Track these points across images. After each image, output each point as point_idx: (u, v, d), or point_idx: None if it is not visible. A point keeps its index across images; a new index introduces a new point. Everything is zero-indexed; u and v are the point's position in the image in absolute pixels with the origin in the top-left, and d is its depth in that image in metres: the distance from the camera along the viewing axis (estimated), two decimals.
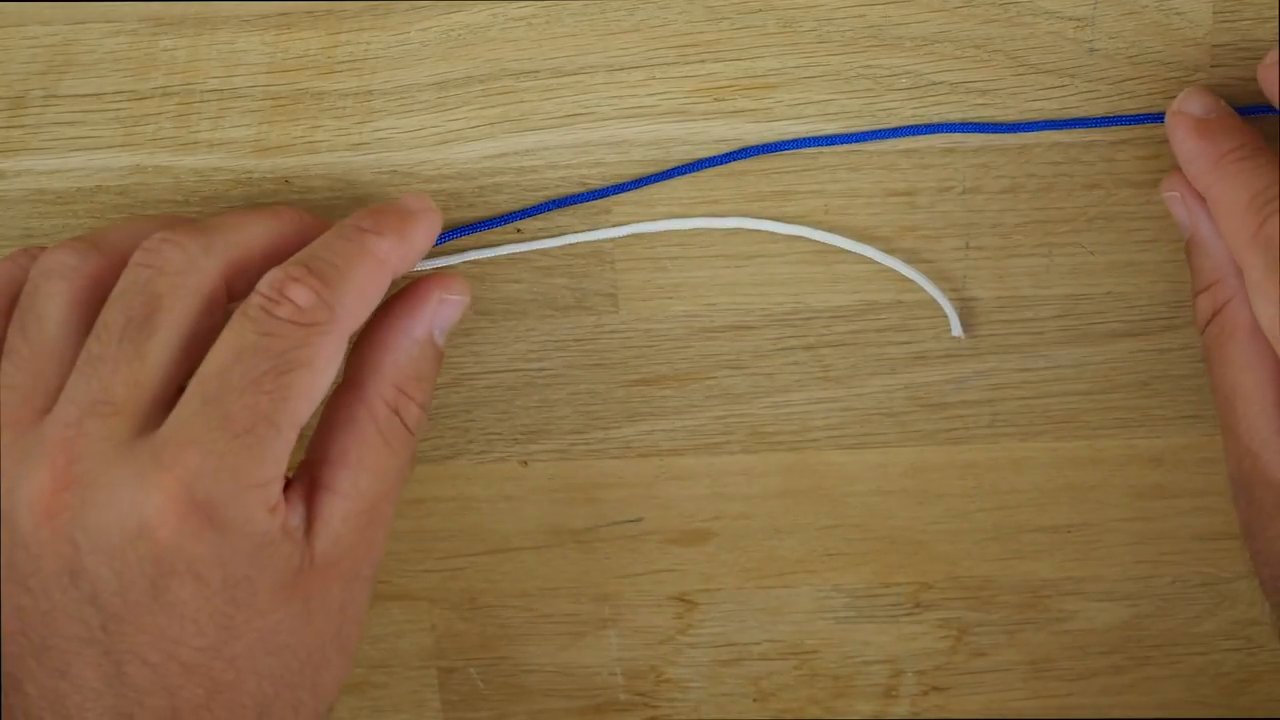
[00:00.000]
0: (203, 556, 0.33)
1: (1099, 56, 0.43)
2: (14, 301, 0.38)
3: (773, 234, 0.45)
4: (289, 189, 0.45)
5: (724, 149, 0.44)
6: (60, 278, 0.36)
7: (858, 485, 0.48)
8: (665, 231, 0.45)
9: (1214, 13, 0.42)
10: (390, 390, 0.38)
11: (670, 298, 0.46)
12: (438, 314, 0.39)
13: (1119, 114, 0.42)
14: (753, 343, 0.46)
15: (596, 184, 0.45)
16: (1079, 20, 0.43)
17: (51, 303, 0.36)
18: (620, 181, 0.45)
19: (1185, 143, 0.39)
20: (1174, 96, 0.43)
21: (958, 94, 0.44)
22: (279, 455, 0.34)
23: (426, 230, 0.39)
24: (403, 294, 0.39)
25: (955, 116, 0.44)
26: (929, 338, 0.46)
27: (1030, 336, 0.46)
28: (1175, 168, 0.40)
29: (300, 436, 0.36)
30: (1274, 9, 0.42)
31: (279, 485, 0.35)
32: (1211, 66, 0.43)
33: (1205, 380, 0.45)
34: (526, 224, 0.45)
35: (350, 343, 0.37)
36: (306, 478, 0.37)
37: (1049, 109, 0.43)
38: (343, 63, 0.44)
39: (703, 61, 0.44)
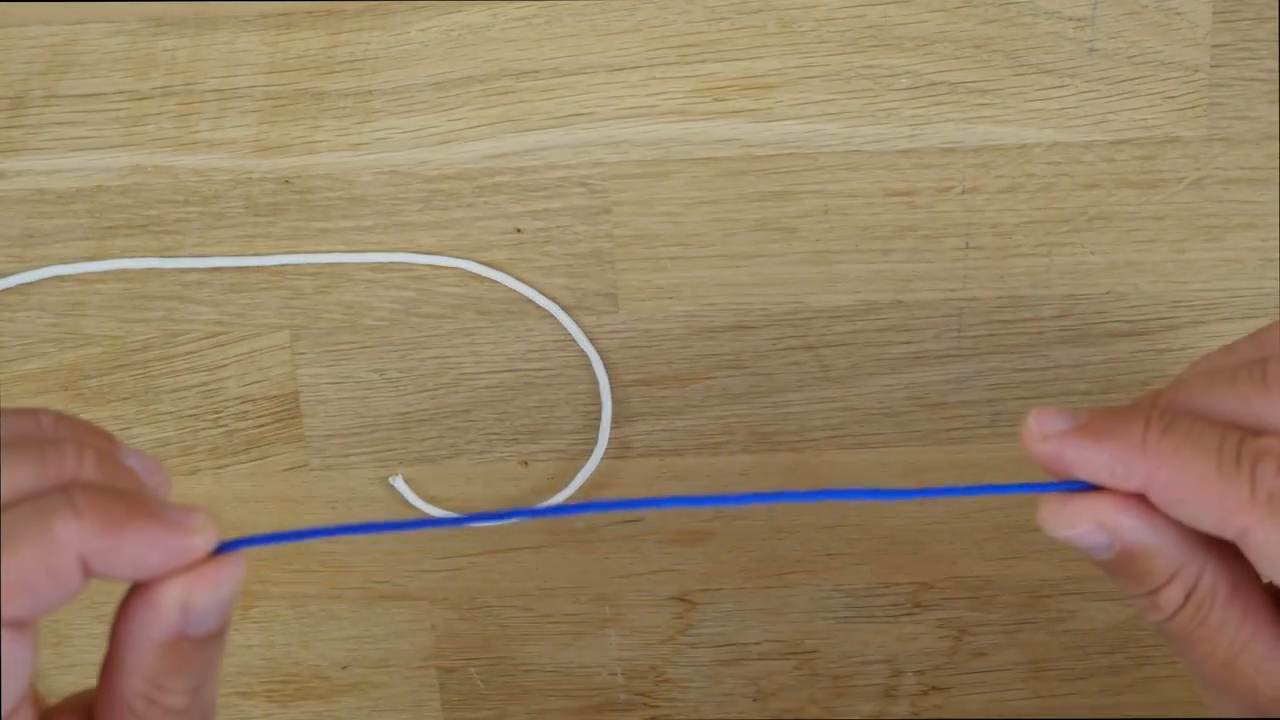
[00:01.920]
0: None
1: (1099, 56, 0.43)
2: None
3: (771, 234, 0.45)
4: (289, 189, 0.45)
5: (724, 149, 0.44)
6: None
7: (858, 485, 0.47)
8: (664, 231, 0.45)
9: (1214, 13, 0.42)
10: (141, 685, 0.32)
11: (670, 298, 0.46)
12: (187, 616, 0.31)
13: (1035, 483, 0.34)
14: (753, 343, 0.46)
15: (596, 184, 0.45)
16: (1079, 20, 0.43)
17: None
18: (620, 180, 0.45)
19: (1087, 454, 0.32)
20: (1174, 97, 0.43)
21: (958, 94, 0.44)
22: None
23: (155, 540, 0.30)
24: (138, 593, 0.32)
25: (955, 116, 0.44)
26: (929, 338, 0.46)
27: (1030, 336, 0.46)
28: (1051, 502, 0.33)
29: None
30: (1274, 9, 0.42)
31: None
32: (1211, 67, 0.43)
33: None
34: (527, 222, 0.45)
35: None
36: None
37: (1049, 109, 0.43)
38: (343, 63, 0.44)
39: (703, 61, 0.44)
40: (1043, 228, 0.45)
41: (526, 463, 0.48)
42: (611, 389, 0.46)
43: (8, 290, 0.47)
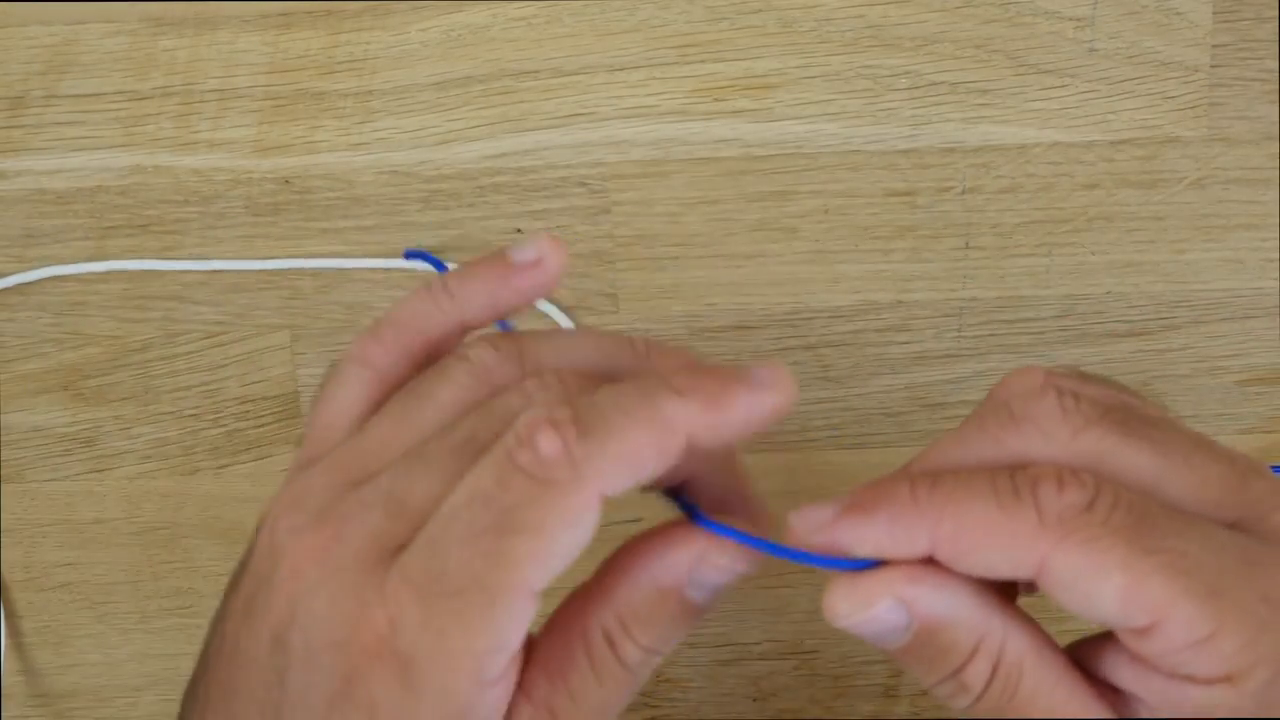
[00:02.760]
0: (385, 705, 0.30)
1: (1099, 56, 0.43)
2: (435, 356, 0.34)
3: (771, 234, 0.45)
4: (289, 189, 0.45)
5: (724, 149, 0.44)
6: (468, 373, 0.33)
7: (855, 484, 0.47)
8: (664, 231, 0.45)
9: (1214, 13, 0.42)
10: (611, 619, 0.33)
11: (670, 298, 0.46)
12: (696, 570, 0.33)
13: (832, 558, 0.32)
14: (753, 343, 0.46)
15: (596, 184, 0.45)
16: (1079, 20, 0.43)
17: (445, 390, 0.33)
18: (620, 180, 0.45)
19: (862, 530, 0.31)
20: (1174, 97, 0.43)
21: (958, 94, 0.44)
22: (497, 624, 0.30)
23: (754, 405, 0.30)
24: (663, 531, 0.33)
25: (955, 116, 0.44)
26: (929, 338, 0.46)
27: (1030, 336, 0.46)
28: (840, 587, 0.32)
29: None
30: (1274, 9, 0.42)
31: (500, 655, 0.31)
32: (1211, 67, 0.43)
33: (1204, 380, 0.45)
34: (527, 223, 0.45)
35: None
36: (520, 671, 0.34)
37: (1049, 109, 0.43)
38: (343, 63, 0.44)
39: (703, 61, 0.44)
40: (1043, 228, 0.45)
41: None
42: None
43: (8, 290, 0.47)
